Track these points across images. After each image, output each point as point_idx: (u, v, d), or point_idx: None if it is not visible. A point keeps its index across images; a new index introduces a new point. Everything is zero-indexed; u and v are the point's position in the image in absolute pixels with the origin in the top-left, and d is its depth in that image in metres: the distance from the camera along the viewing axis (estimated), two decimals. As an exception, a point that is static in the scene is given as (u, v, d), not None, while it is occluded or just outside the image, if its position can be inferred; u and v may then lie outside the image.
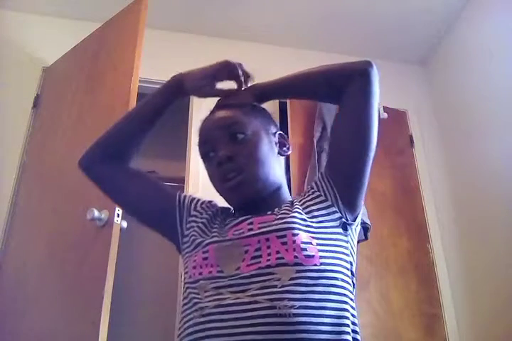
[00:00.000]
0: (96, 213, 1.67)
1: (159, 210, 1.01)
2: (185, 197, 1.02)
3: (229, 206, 1.01)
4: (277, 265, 0.79)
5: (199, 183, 2.44)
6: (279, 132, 1.04)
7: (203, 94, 1.02)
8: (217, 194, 0.97)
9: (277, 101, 2.63)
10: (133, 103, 1.87)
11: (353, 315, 0.81)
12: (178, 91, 1.03)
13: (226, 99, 1.02)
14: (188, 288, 0.86)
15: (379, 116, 0.94)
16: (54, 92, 2.47)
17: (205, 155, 0.98)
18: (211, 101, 1.10)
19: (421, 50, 3.16)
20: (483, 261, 2.49)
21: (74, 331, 1.61)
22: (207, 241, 0.89)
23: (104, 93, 2.08)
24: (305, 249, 0.80)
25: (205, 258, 0.86)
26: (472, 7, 2.79)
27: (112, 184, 1.06)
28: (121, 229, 1.69)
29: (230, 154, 0.91)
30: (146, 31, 2.06)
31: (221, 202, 1.01)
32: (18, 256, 2.04)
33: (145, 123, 1.05)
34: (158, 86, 1.05)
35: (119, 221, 1.68)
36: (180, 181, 2.52)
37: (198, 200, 1.02)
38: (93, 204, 1.68)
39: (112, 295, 1.57)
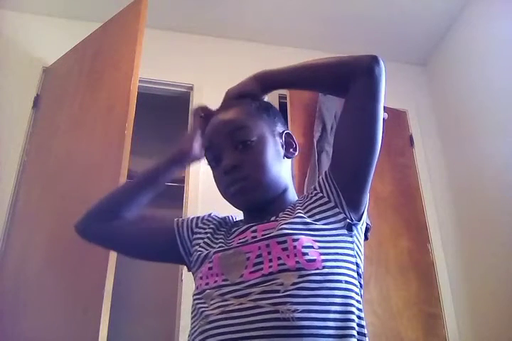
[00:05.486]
0: (96, 213, 1.67)
1: (162, 246, 1.03)
2: (183, 221, 1.03)
3: (233, 215, 1.02)
4: (280, 271, 0.78)
5: (199, 183, 2.45)
6: (286, 131, 1.00)
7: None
8: (217, 194, 0.97)
9: (277, 100, 2.64)
10: (133, 103, 1.87)
11: (359, 317, 0.79)
12: (180, 164, 1.08)
13: (231, 91, 1.00)
14: (195, 299, 0.86)
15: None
16: (54, 92, 2.47)
17: (210, 161, 0.98)
18: (211, 101, 1.10)
19: (421, 50, 3.17)
20: (483, 261, 2.49)
21: (74, 331, 1.61)
22: (212, 251, 0.89)
23: (104, 93, 2.08)
24: (306, 254, 0.79)
25: (211, 268, 0.86)
26: (472, 8, 2.79)
27: (113, 242, 1.09)
28: (121, 229, 1.69)
29: (235, 163, 0.90)
30: (146, 31, 2.06)
31: (221, 206, 1.02)
32: (18, 256, 2.04)
33: (149, 193, 1.08)
34: (158, 86, 1.05)
35: (119, 221, 1.67)
36: (181, 181, 2.52)
37: (198, 218, 1.03)
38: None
39: (112, 296, 1.57)
